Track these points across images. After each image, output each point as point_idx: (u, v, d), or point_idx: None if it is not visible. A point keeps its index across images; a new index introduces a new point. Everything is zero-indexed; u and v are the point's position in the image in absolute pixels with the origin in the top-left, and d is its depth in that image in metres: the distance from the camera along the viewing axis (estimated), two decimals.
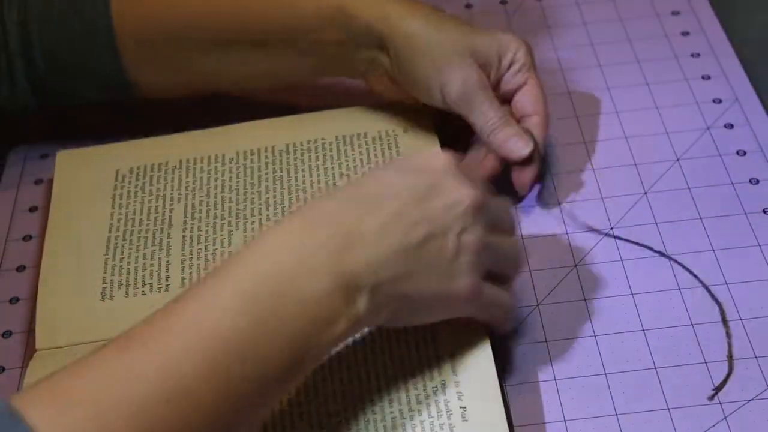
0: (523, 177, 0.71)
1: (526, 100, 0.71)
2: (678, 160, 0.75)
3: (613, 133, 0.77)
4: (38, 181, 0.78)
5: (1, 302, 0.70)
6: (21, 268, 0.72)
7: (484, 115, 0.69)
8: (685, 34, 0.85)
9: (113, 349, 0.50)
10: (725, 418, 0.60)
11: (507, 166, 0.71)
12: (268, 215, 0.71)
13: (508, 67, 0.71)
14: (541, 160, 0.71)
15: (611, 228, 0.70)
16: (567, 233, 0.70)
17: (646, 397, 0.61)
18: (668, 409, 0.60)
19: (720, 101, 0.79)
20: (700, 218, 0.70)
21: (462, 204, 0.57)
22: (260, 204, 0.72)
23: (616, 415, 0.60)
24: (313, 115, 0.78)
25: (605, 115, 0.79)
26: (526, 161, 0.70)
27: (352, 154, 0.74)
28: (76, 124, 0.81)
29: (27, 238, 0.74)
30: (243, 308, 0.51)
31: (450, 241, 0.56)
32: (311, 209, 0.55)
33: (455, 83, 0.69)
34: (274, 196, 0.72)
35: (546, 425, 0.60)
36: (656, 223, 0.70)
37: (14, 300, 0.70)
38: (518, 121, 0.71)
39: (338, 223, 0.54)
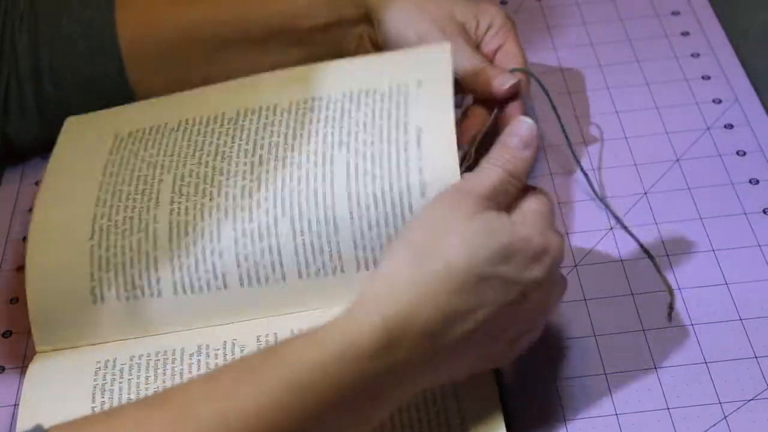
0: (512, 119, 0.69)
1: (506, 59, 0.73)
2: (678, 160, 0.75)
3: (613, 133, 0.77)
4: (38, 182, 0.78)
5: (1, 302, 0.70)
6: (21, 268, 0.72)
7: (469, 59, 0.71)
8: (685, 34, 0.85)
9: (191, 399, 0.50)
10: (725, 418, 0.59)
11: None
12: (258, 198, 0.64)
13: (486, 30, 0.73)
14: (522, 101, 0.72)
15: (611, 228, 0.70)
16: (567, 233, 0.70)
17: (646, 397, 0.61)
18: (668, 409, 0.60)
19: (720, 101, 0.79)
20: (700, 218, 0.70)
21: (540, 327, 0.58)
22: (251, 182, 0.64)
23: (616, 414, 0.60)
24: (318, 67, 0.70)
25: (605, 114, 0.79)
26: (513, 106, 0.71)
27: (356, 115, 0.65)
28: None
29: (27, 238, 0.74)
30: (314, 396, 0.50)
31: (508, 343, 0.57)
32: (394, 312, 0.52)
33: (436, 32, 0.71)
34: (267, 170, 0.65)
35: (546, 425, 0.60)
36: (656, 223, 0.70)
37: (14, 300, 0.70)
38: None
39: (424, 338, 0.52)
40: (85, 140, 0.71)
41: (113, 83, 0.75)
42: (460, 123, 0.71)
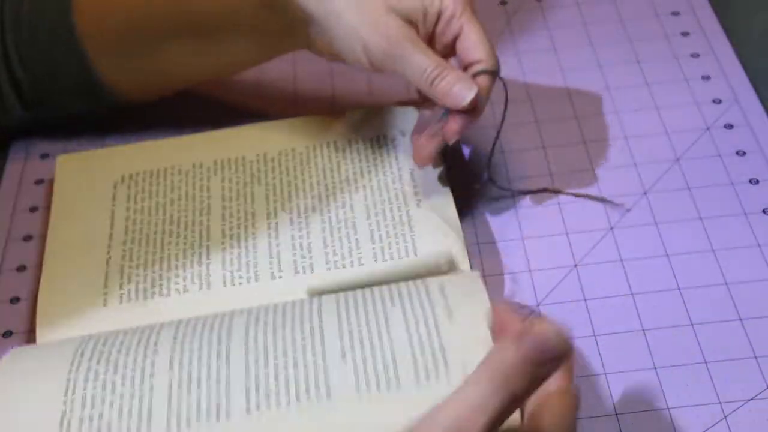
0: (455, 125, 0.66)
1: (465, 47, 0.67)
2: (678, 160, 0.75)
3: (613, 133, 0.77)
4: (38, 181, 0.78)
5: (1, 302, 0.70)
6: (21, 268, 0.72)
7: (419, 66, 0.65)
8: (685, 34, 0.85)
9: None
10: (725, 417, 0.60)
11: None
12: (246, 248, 0.69)
13: (437, 19, 0.67)
14: (482, 108, 0.66)
15: (611, 228, 0.70)
16: (567, 233, 0.70)
17: (646, 397, 0.61)
18: (668, 408, 0.60)
19: (720, 101, 0.79)
20: (700, 218, 0.71)
21: None
22: (246, 221, 0.70)
23: (616, 414, 0.60)
24: (303, 119, 0.77)
25: (605, 115, 0.79)
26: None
27: (344, 165, 0.73)
28: (76, 122, 0.81)
29: (27, 238, 0.74)
30: None
31: None
32: None
33: (378, 41, 0.65)
34: (257, 223, 0.70)
35: None
36: (656, 223, 0.70)
37: (14, 300, 0.70)
38: (465, 70, 0.67)
39: None
40: (86, 178, 0.75)
41: (78, 71, 0.75)
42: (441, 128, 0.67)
